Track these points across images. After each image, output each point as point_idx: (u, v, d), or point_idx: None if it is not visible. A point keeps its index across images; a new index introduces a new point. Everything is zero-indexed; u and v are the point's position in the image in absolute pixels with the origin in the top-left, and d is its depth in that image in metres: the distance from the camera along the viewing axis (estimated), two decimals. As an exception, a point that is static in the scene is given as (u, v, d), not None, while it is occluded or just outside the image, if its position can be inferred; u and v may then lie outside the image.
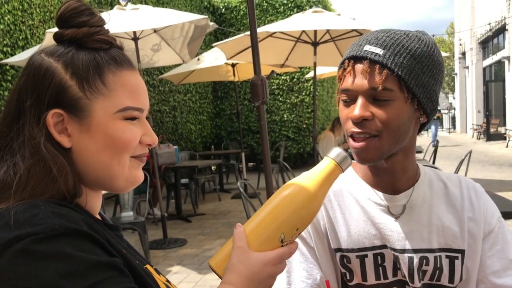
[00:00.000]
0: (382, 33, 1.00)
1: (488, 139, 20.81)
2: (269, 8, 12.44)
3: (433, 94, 1.01)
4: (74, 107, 0.74)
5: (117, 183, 0.78)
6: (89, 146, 0.75)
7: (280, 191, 0.82)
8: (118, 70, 0.77)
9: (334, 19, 6.02)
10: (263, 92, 2.65)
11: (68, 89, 0.74)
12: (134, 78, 0.79)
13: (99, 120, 0.75)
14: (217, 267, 0.78)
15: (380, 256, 1.07)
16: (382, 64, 0.95)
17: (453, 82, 37.60)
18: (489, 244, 1.08)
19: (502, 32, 20.56)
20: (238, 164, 10.30)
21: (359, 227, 1.08)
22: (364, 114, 0.97)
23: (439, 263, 1.06)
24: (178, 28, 6.06)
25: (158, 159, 6.45)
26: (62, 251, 0.62)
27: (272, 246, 0.78)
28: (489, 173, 10.58)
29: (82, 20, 0.76)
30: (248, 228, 0.79)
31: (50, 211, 0.66)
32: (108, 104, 0.75)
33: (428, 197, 1.09)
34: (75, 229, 0.66)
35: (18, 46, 6.08)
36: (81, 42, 0.76)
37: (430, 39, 1.02)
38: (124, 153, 0.77)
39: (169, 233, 5.78)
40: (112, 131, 0.75)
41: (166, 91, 10.39)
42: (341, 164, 0.84)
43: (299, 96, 12.37)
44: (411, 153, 1.07)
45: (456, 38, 31.59)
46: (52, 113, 0.73)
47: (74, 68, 0.74)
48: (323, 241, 1.10)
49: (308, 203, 0.80)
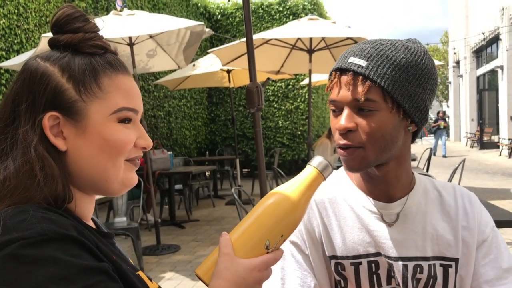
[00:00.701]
0: (367, 44, 1.01)
1: (482, 147, 20.92)
2: (265, 15, 12.49)
3: (421, 103, 1.00)
4: (70, 110, 0.75)
5: (112, 186, 0.78)
6: (84, 149, 0.75)
7: (264, 199, 0.84)
8: (113, 74, 0.78)
9: (330, 27, 6.04)
10: (258, 99, 2.66)
11: (64, 92, 0.74)
12: (128, 81, 0.81)
13: (95, 122, 0.75)
14: (203, 274, 0.79)
15: (374, 264, 1.08)
16: (365, 76, 0.97)
17: (447, 91, 37.81)
18: (483, 253, 1.08)
19: (495, 42, 20.73)
20: (233, 170, 10.29)
21: (354, 234, 1.09)
22: (348, 125, 0.99)
23: (433, 272, 1.07)
24: (174, 34, 6.07)
25: (152, 165, 6.44)
26: (51, 255, 0.63)
27: (257, 253, 0.80)
28: (482, 181, 10.63)
29: (77, 26, 0.77)
30: (234, 236, 0.81)
31: (40, 216, 0.66)
32: (103, 106, 0.76)
33: (422, 206, 1.10)
34: (64, 234, 0.66)
35: (13, 50, 6.06)
36: (76, 47, 0.77)
37: (418, 48, 1.02)
38: (119, 156, 0.77)
39: (163, 239, 5.76)
40: (108, 133, 0.76)
41: (161, 96, 10.38)
42: (323, 172, 0.86)
43: (294, 103, 12.39)
44: (405, 162, 1.08)
45: (450, 47, 31.81)
46: (49, 115, 0.73)
47: (70, 71, 0.75)
48: (317, 248, 1.10)
49: (292, 211, 0.82)
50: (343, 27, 6.54)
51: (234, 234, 0.81)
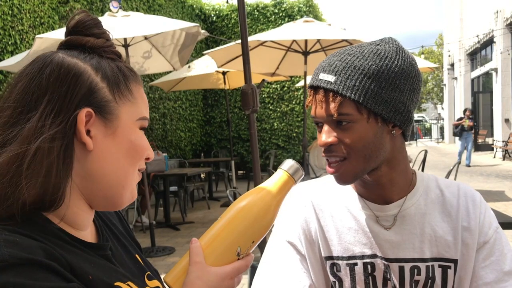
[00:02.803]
0: (335, 57, 1.01)
1: (476, 149, 20.98)
2: (260, 17, 12.49)
3: (399, 105, 0.99)
4: (104, 109, 0.75)
5: (125, 194, 0.78)
6: (112, 150, 0.75)
7: (234, 204, 0.83)
8: (137, 81, 0.81)
9: (325, 29, 6.06)
10: (253, 101, 2.65)
11: (99, 90, 0.74)
12: (143, 91, 0.83)
13: (125, 125, 0.76)
14: (173, 282, 0.78)
15: (370, 266, 1.08)
16: (334, 91, 0.97)
17: (442, 93, 37.97)
18: (483, 255, 1.07)
19: (490, 44, 20.83)
20: (228, 172, 10.28)
21: (350, 235, 1.09)
22: (327, 141, 1.00)
23: (431, 273, 1.06)
24: (169, 36, 6.06)
25: (147, 166, 6.41)
26: (11, 282, 0.60)
27: (228, 260, 0.79)
28: (477, 183, 10.66)
29: (99, 32, 0.79)
30: (204, 243, 0.80)
31: (2, 239, 0.63)
32: (133, 110, 0.78)
33: (422, 206, 1.09)
34: (28, 258, 0.62)
35: (7, 51, 6.03)
36: (99, 51, 0.78)
37: (390, 49, 1.00)
38: (139, 162, 0.79)
39: (157, 241, 5.74)
40: (135, 137, 0.78)
41: (156, 98, 10.36)
42: (293, 176, 0.86)
43: (289, 104, 12.40)
44: (398, 165, 1.07)
45: (445, 49, 31.95)
46: (86, 111, 0.72)
47: (103, 71, 0.76)
48: (314, 249, 1.11)
49: (263, 216, 0.81)
50: (338, 29, 6.56)
51: (205, 241, 0.80)
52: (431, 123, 38.15)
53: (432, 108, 51.80)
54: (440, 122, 35.14)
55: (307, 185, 1.19)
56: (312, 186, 1.18)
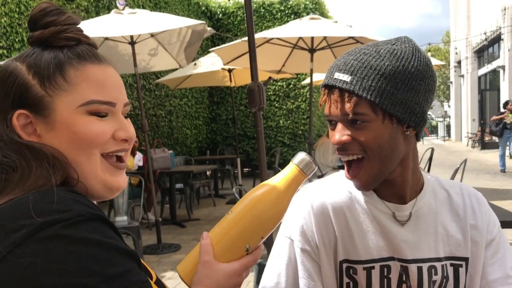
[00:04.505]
0: (351, 56, 0.99)
1: (483, 147, 20.87)
2: (267, 14, 12.48)
3: (415, 106, 0.98)
4: (38, 106, 0.74)
5: (91, 184, 0.75)
6: (56, 144, 0.74)
7: (245, 199, 0.82)
8: (80, 64, 0.75)
9: (331, 26, 6.03)
10: (260, 98, 2.65)
11: (30, 88, 0.74)
12: (101, 71, 0.77)
13: (62, 116, 0.74)
14: (185, 275, 0.80)
15: (386, 268, 1.07)
16: (350, 91, 0.96)
17: (449, 91, 37.78)
18: (491, 252, 1.09)
19: (497, 42, 20.70)
20: (233, 170, 10.29)
21: (368, 239, 1.07)
22: (341, 139, 0.99)
23: (445, 272, 1.07)
24: (175, 33, 6.06)
25: (153, 164, 6.43)
26: (92, 236, 0.64)
27: (237, 255, 0.80)
28: (483, 181, 10.61)
29: (49, 20, 0.76)
30: (215, 239, 0.80)
31: (70, 198, 0.67)
32: (71, 99, 0.74)
33: (433, 206, 1.10)
34: (98, 215, 0.67)
35: (15, 48, 6.06)
36: (47, 42, 0.76)
37: (406, 49, 0.98)
38: (91, 149, 0.75)
39: (163, 238, 5.76)
40: (77, 126, 0.74)
41: (162, 95, 10.38)
42: (304, 170, 0.84)
43: (295, 102, 12.38)
44: (410, 164, 1.06)
45: (451, 46, 31.78)
46: (17, 114, 0.73)
47: (36, 67, 0.74)
48: (329, 253, 1.08)
49: (274, 213, 0.81)
50: (344, 26, 6.53)
51: (215, 236, 0.81)
52: (438, 121, 38.02)
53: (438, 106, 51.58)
54: (447, 120, 35.00)
55: (322, 186, 1.15)
56: (327, 188, 1.14)
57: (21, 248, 0.61)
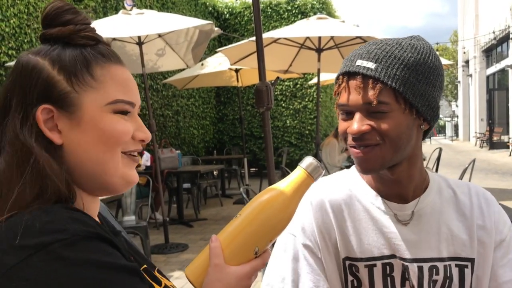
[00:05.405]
0: (373, 46, 1.00)
1: (491, 147, 20.74)
2: (274, 14, 12.47)
3: (432, 100, 0.99)
4: (64, 102, 0.73)
5: (112, 180, 0.76)
6: (81, 141, 0.73)
7: (253, 202, 0.83)
8: (106, 63, 0.76)
9: (338, 26, 6.02)
10: (268, 98, 2.65)
11: (56, 84, 0.73)
12: (123, 72, 0.79)
13: (90, 113, 0.74)
14: (194, 279, 0.80)
15: (388, 266, 1.07)
16: (375, 78, 0.95)
17: (456, 90, 37.56)
18: (501, 253, 1.07)
19: (506, 41, 20.56)
20: (240, 170, 10.29)
21: (368, 236, 1.07)
22: (361, 129, 0.97)
23: (449, 272, 1.06)
24: (182, 33, 6.08)
25: (161, 164, 6.45)
26: (89, 256, 0.63)
27: (247, 259, 0.81)
28: (492, 181, 10.55)
29: (68, 19, 0.76)
30: (224, 242, 0.81)
31: (67, 216, 0.66)
32: (98, 96, 0.74)
33: (437, 205, 1.09)
34: (95, 233, 0.66)
35: (23, 49, 6.10)
36: (67, 40, 0.76)
37: (424, 45, 1.01)
38: (116, 147, 0.75)
39: (171, 237, 5.77)
40: (104, 124, 0.74)
41: (169, 95, 10.41)
42: (312, 174, 0.84)
43: (302, 102, 12.37)
44: (417, 161, 1.06)
45: (459, 46, 31.60)
46: (42, 108, 0.72)
47: (61, 63, 0.74)
48: (330, 250, 1.09)
49: (283, 216, 0.82)
50: (352, 26, 6.52)
51: (225, 240, 0.81)
52: (445, 120, 37.82)
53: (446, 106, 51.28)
54: (454, 120, 34.80)
55: (322, 184, 1.16)
56: (327, 185, 1.15)
57: (15, 271, 0.60)
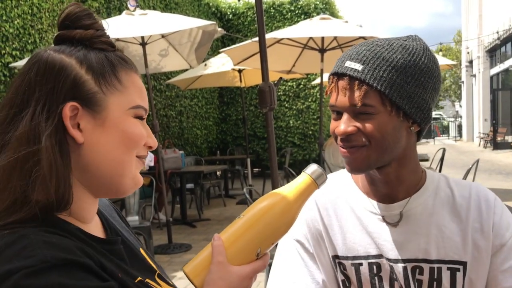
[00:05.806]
0: (363, 47, 1.00)
1: (495, 147, 20.67)
2: (277, 14, 12.47)
3: (422, 102, 0.98)
4: (90, 101, 0.74)
5: (124, 180, 0.78)
6: (102, 141, 0.75)
7: (258, 204, 0.84)
8: (129, 70, 0.80)
9: (342, 26, 6.02)
10: (271, 99, 2.65)
11: (84, 83, 0.74)
12: (140, 80, 0.82)
13: (114, 115, 0.76)
14: (194, 276, 0.80)
15: (375, 266, 1.06)
16: (361, 80, 0.96)
17: (460, 90, 37.46)
18: (501, 258, 1.03)
19: (510, 41, 20.50)
20: (244, 170, 10.29)
21: (354, 235, 1.08)
22: (347, 130, 0.98)
23: (436, 274, 1.04)
24: (186, 34, 6.09)
25: (164, 164, 6.46)
26: (56, 283, 0.61)
27: (248, 260, 0.82)
28: (496, 182, 10.51)
29: (89, 23, 0.78)
30: (227, 242, 0.82)
31: (41, 240, 0.65)
32: (123, 99, 0.77)
33: (429, 206, 1.07)
34: (67, 259, 0.64)
35: (27, 50, 6.12)
36: (88, 43, 0.77)
37: (417, 46, 0.99)
38: (134, 150, 0.78)
39: (174, 238, 5.78)
40: (126, 126, 0.77)
41: (172, 96, 10.42)
42: (316, 180, 0.86)
43: (305, 102, 12.36)
44: (408, 163, 1.05)
45: (463, 46, 31.52)
46: (70, 105, 0.72)
47: (88, 63, 0.75)
48: (322, 247, 1.11)
49: (286, 220, 0.83)
50: (355, 26, 6.51)
51: (228, 240, 0.82)
52: (449, 121, 37.69)
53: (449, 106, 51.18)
54: (458, 120, 34.70)
55: None
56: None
57: None
